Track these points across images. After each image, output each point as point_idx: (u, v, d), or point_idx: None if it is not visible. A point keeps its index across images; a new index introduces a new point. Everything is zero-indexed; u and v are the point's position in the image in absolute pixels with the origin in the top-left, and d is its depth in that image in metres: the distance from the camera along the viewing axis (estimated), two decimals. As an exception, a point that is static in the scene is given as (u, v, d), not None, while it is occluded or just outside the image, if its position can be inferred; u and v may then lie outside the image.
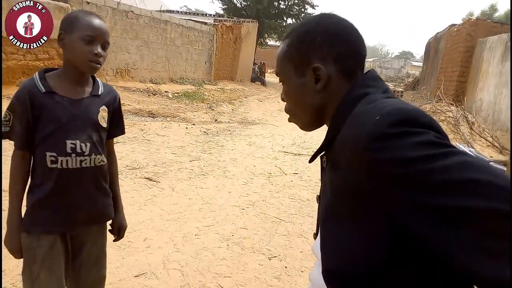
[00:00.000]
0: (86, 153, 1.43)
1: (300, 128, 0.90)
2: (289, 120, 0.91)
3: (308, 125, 0.88)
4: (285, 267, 2.87)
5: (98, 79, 1.54)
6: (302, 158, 6.17)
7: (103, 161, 1.51)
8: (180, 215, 3.54)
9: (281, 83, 0.91)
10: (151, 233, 3.12)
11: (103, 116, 1.50)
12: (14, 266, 2.41)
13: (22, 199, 1.46)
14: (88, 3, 10.01)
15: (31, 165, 1.46)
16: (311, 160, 0.89)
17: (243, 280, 2.65)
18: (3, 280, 2.32)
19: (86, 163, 1.44)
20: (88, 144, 1.44)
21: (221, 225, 3.44)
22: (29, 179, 1.48)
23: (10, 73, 7.86)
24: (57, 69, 1.47)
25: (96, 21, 1.37)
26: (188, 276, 2.61)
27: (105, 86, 1.55)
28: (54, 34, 1.42)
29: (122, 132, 1.66)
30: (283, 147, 6.81)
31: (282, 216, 3.79)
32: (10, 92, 7.52)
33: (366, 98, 0.75)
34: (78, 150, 1.41)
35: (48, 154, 1.39)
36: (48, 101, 1.38)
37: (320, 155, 0.85)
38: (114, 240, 1.69)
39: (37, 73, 1.42)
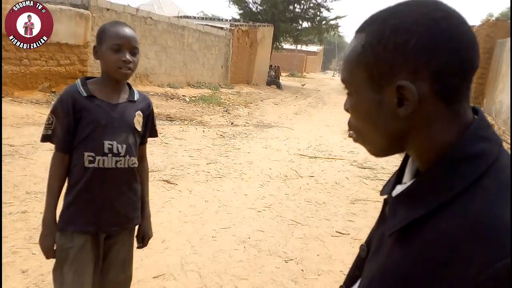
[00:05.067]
0: (121, 154, 1.50)
1: (369, 152, 0.68)
2: (355, 141, 0.69)
3: (381, 153, 0.66)
4: (302, 270, 2.88)
5: (133, 87, 1.62)
6: (318, 161, 6.16)
7: (136, 164, 1.58)
8: (197, 217, 3.58)
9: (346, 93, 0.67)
10: (169, 235, 3.17)
11: (138, 121, 1.57)
12: (36, 266, 2.48)
13: (58, 199, 1.52)
14: (108, 10, 10.24)
15: (69, 167, 1.52)
16: (382, 193, 0.71)
17: (259, 282, 2.66)
18: (26, 280, 2.39)
19: (121, 164, 1.50)
20: (124, 146, 1.51)
21: (237, 228, 3.46)
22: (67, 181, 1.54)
23: (33, 79, 8.08)
24: (97, 77, 1.56)
25: (122, 30, 1.44)
26: (206, 278, 2.64)
27: (140, 94, 1.64)
28: (76, 40, 1.50)
29: (155, 135, 1.74)
30: (299, 150, 6.81)
31: (299, 219, 3.79)
32: (33, 97, 7.74)
33: (490, 180, 0.53)
34: (115, 150, 1.48)
35: (86, 154, 1.46)
36: (89, 104, 1.46)
37: (386, 196, 0.68)
38: (138, 247, 1.72)
39: (79, 79, 1.52)
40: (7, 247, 2.67)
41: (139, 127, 1.57)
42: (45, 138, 1.50)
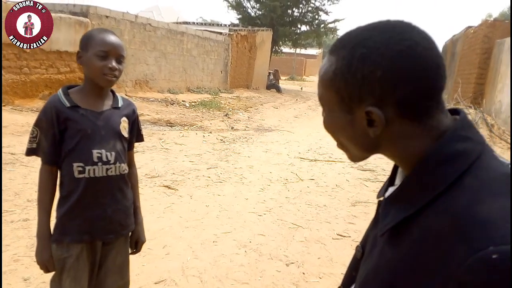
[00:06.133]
0: (111, 162, 1.50)
1: (349, 159, 0.72)
2: (338, 147, 0.73)
3: (360, 159, 0.70)
4: (303, 273, 2.88)
5: (117, 93, 1.62)
6: (318, 164, 6.17)
7: (126, 170, 1.58)
8: (198, 222, 3.59)
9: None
10: (170, 240, 3.18)
11: (124, 127, 1.57)
12: (38, 274, 2.48)
13: (50, 212, 1.52)
14: (107, 17, 10.29)
15: (59, 179, 1.52)
16: (378, 196, 0.74)
17: (261, 287, 2.66)
18: (28, 288, 2.40)
19: (111, 171, 1.50)
20: (113, 153, 1.50)
21: (238, 232, 3.47)
22: (58, 192, 1.54)
23: (33, 87, 8.12)
24: (79, 85, 1.55)
25: (109, 37, 1.44)
26: (207, 283, 2.64)
27: (124, 99, 1.64)
28: (76, 48, 1.51)
29: (141, 140, 1.74)
30: (299, 153, 6.82)
31: (299, 222, 3.80)
32: (33, 105, 7.77)
33: (472, 176, 0.55)
34: (104, 159, 1.48)
35: (75, 165, 1.45)
36: (73, 115, 1.45)
37: (380, 198, 0.71)
38: (131, 253, 1.71)
39: (60, 89, 1.51)
40: (9, 255, 2.68)
41: (125, 133, 1.57)
42: (30, 152, 1.49)
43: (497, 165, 0.58)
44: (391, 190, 0.66)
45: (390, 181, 0.71)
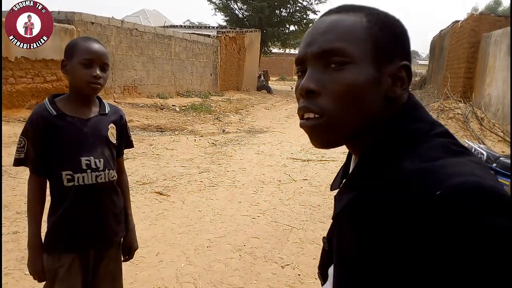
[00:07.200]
0: (100, 169, 1.49)
1: (323, 142, 0.64)
2: (303, 126, 0.65)
3: (343, 139, 0.63)
4: (298, 274, 2.86)
5: (103, 100, 1.61)
6: (311, 164, 6.16)
7: (115, 176, 1.57)
8: (192, 228, 3.55)
9: (301, 70, 0.69)
10: (163, 247, 3.14)
11: (112, 133, 1.56)
12: (29, 286, 2.44)
13: (41, 222, 1.50)
14: (92, 23, 10.21)
15: (49, 188, 1.50)
16: (332, 189, 0.74)
17: (256, 290, 2.64)
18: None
19: (101, 178, 1.49)
20: (102, 160, 1.49)
21: (232, 236, 3.44)
22: (48, 201, 1.52)
23: (20, 97, 8.02)
24: (65, 94, 1.54)
25: (93, 45, 1.43)
26: (202, 288, 2.61)
27: (111, 106, 1.63)
28: (62, 56, 1.49)
29: (131, 146, 1.73)
30: (291, 153, 6.81)
31: (293, 223, 3.78)
32: (21, 115, 7.67)
33: (419, 148, 0.57)
34: (93, 166, 1.47)
35: (64, 173, 1.43)
36: (60, 123, 1.44)
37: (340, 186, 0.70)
38: (124, 261, 1.70)
39: (47, 98, 1.49)
40: (-2, 270, 2.63)
41: (113, 140, 1.56)
42: (18, 162, 1.47)
43: (443, 138, 0.59)
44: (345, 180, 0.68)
45: (344, 173, 0.73)
